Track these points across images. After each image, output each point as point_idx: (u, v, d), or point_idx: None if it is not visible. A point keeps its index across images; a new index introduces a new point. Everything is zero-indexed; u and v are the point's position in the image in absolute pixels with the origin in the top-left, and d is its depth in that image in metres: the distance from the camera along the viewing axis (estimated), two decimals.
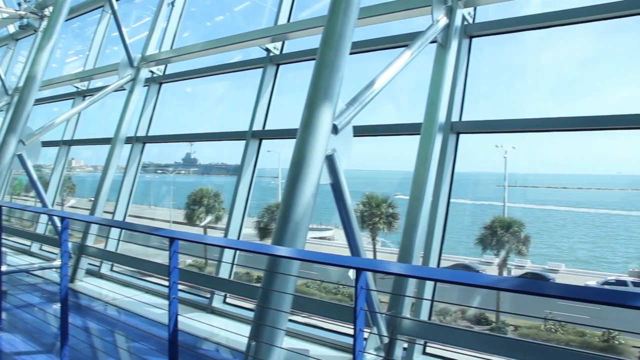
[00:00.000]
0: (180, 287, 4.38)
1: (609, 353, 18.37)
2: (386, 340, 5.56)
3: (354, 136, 5.21)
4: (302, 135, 4.67)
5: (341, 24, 4.95)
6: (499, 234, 24.34)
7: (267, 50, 8.87)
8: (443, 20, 6.33)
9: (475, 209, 39.40)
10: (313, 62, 5.05)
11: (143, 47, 10.96)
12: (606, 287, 23.87)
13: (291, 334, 6.35)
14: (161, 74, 11.01)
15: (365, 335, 5.27)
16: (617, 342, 18.67)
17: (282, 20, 8.93)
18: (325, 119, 4.68)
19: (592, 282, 24.88)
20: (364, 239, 24.60)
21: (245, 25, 15.12)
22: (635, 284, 23.08)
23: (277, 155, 24.49)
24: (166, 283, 4.31)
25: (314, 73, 4.89)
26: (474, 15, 6.73)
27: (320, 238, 31.83)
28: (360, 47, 7.69)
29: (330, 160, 4.86)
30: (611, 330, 18.46)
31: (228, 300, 8.21)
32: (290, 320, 6.56)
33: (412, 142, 6.31)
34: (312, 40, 8.15)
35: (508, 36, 6.74)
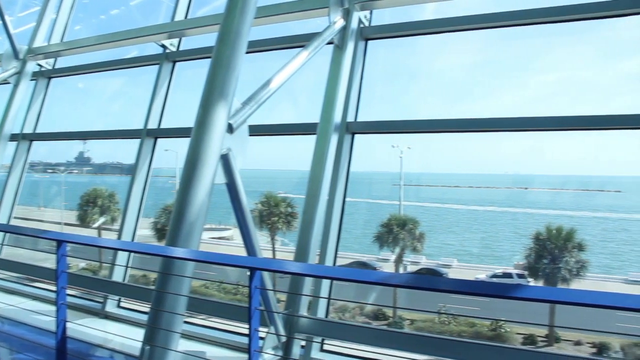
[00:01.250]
0: (71, 292, 4.18)
1: (496, 341, 19.45)
2: (284, 339, 5.57)
3: (251, 135, 5.17)
4: (196, 134, 4.58)
5: (238, 22, 4.90)
6: (395, 231, 25.01)
7: (164, 46, 8.65)
8: (340, 22, 6.43)
9: (372, 207, 40.37)
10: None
11: (30, 38, 10.32)
12: (494, 280, 25.17)
13: (187, 336, 6.22)
14: (50, 67, 10.43)
15: (264, 334, 5.27)
16: (503, 331, 19.79)
17: (180, 16, 8.73)
18: (221, 118, 4.62)
19: (482, 275, 26.15)
20: (263, 238, 24.57)
21: (142, 20, 14.64)
22: (519, 276, 24.42)
23: (174, 154, 23.92)
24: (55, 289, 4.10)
25: (209, 71, 4.81)
26: (370, 18, 6.88)
27: (219, 238, 31.48)
28: (259, 46, 7.68)
29: (225, 160, 4.80)
30: (498, 320, 19.56)
31: (123, 304, 7.92)
32: (187, 322, 6.42)
33: (310, 142, 6.36)
34: (210, 38, 8.04)
35: (404, 40, 6.96)
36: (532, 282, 22.89)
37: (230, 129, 4.77)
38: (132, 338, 5.01)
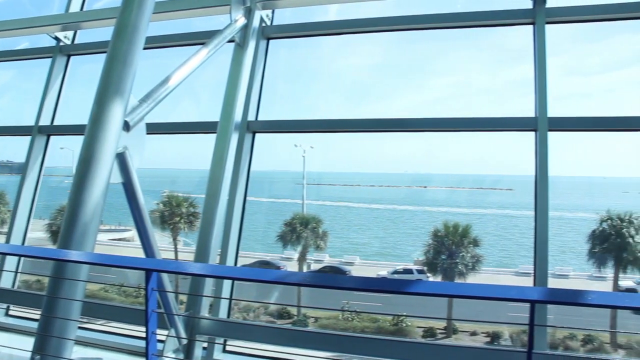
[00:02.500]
0: None
1: (398, 335, 20.01)
2: (185, 341, 5.47)
3: (149, 134, 5.04)
4: (90, 131, 4.40)
5: (135, 16, 4.75)
6: (299, 230, 25.14)
7: (57, 39, 8.24)
8: (241, 20, 6.39)
9: (274, 206, 40.41)
10: None
11: None
12: (395, 276, 25.84)
13: (82, 342, 5.98)
14: None
15: (164, 337, 5.15)
16: (404, 325, 20.37)
17: (75, 8, 8.34)
18: (116, 115, 4.46)
19: (384, 272, 26.76)
20: (165, 239, 23.98)
21: (34, 10, 13.90)
22: (419, 272, 25.19)
23: (71, 153, 22.85)
24: None
25: (104, 66, 4.63)
26: (272, 17, 6.89)
27: (120, 239, 30.46)
28: (158, 42, 7.50)
29: (121, 159, 4.65)
30: (400, 315, 20.11)
31: (12, 312, 7.49)
32: (82, 328, 6.17)
33: (212, 141, 6.28)
34: (108, 32, 7.76)
35: (307, 40, 7.02)
36: (431, 278, 23.69)
37: (126, 126, 4.63)
38: (21, 349, 4.74)
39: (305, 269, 25.97)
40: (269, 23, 6.82)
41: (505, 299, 2.55)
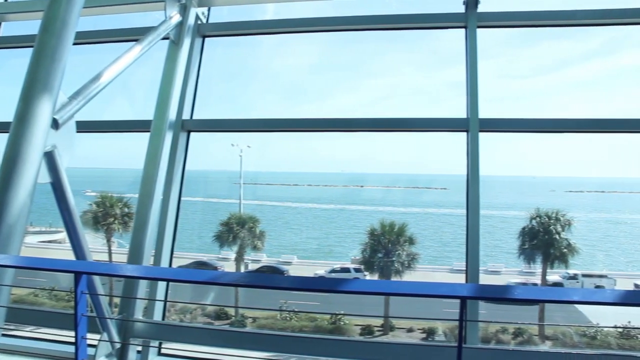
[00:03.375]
0: None
1: (336, 334, 20.16)
2: (118, 345, 5.33)
3: (80, 132, 4.88)
4: (16, 129, 4.21)
5: (64, 10, 4.57)
6: (235, 230, 24.99)
7: None
8: (176, 17, 6.27)
9: (211, 206, 40.00)
10: None
11: None
12: (333, 275, 26.01)
13: (7, 351, 5.74)
14: None
15: (96, 342, 5.00)
16: (342, 323, 20.54)
17: None
18: (44, 113, 4.29)
19: (321, 271, 26.91)
20: (99, 240, 23.34)
21: None
22: (356, 270, 25.47)
23: None
24: None
25: (31, 61, 4.44)
26: (208, 15, 6.80)
27: (51, 241, 29.47)
28: (91, 38, 7.26)
29: (49, 158, 4.48)
30: (337, 314, 20.27)
31: None
32: (6, 336, 5.93)
33: (146, 140, 6.15)
34: (36, 25, 7.45)
35: (244, 39, 6.97)
36: (368, 276, 23.99)
37: (55, 124, 4.46)
38: None
39: (242, 269, 25.87)
40: (204, 21, 6.73)
41: (436, 295, 2.61)
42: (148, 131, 6.10)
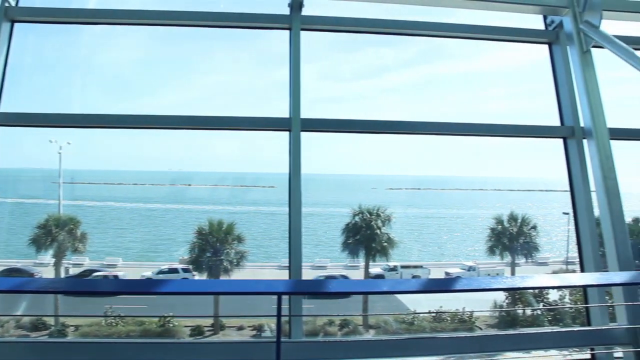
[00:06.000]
0: None
1: (165, 337, 19.79)
2: None
3: None
4: None
5: None
6: (54, 232, 23.53)
7: None
8: None
9: (23, 207, 37.15)
10: None
11: None
12: (160, 276, 25.46)
13: None
14: None
15: None
16: (171, 325, 20.25)
17: None
18: None
19: (148, 273, 26.19)
20: None
21: None
22: (185, 270, 25.16)
23: None
24: None
25: None
26: None
27: None
28: None
29: None
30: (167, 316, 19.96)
31: None
32: None
33: None
34: None
35: (63, 28, 6.54)
36: (197, 276, 23.81)
37: None
38: None
39: (63, 274, 24.49)
40: (13, 4, 6.18)
41: (254, 293, 2.68)
42: None
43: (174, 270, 25.95)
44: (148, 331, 20.32)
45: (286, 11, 6.22)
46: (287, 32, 6.21)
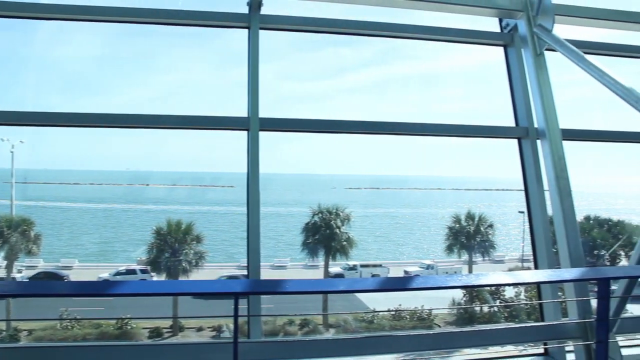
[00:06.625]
0: None
1: (123, 339, 19.54)
2: None
3: None
4: None
5: None
6: (6, 234, 23.03)
7: None
8: None
9: None
10: None
11: None
12: (118, 277, 25.11)
13: None
14: None
15: None
16: (129, 327, 20.00)
17: None
18: None
19: (105, 274, 25.78)
20: None
21: None
22: (143, 271, 24.90)
23: None
24: None
25: None
26: None
27: None
28: None
29: None
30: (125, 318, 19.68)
31: None
32: None
33: None
34: None
35: (14, 22, 6.35)
36: (155, 276, 23.57)
37: None
38: None
39: (17, 277, 23.96)
40: None
41: (211, 293, 2.66)
42: None
43: (131, 272, 25.67)
44: (105, 334, 20.05)
45: (245, 10, 6.18)
46: (246, 31, 6.18)
